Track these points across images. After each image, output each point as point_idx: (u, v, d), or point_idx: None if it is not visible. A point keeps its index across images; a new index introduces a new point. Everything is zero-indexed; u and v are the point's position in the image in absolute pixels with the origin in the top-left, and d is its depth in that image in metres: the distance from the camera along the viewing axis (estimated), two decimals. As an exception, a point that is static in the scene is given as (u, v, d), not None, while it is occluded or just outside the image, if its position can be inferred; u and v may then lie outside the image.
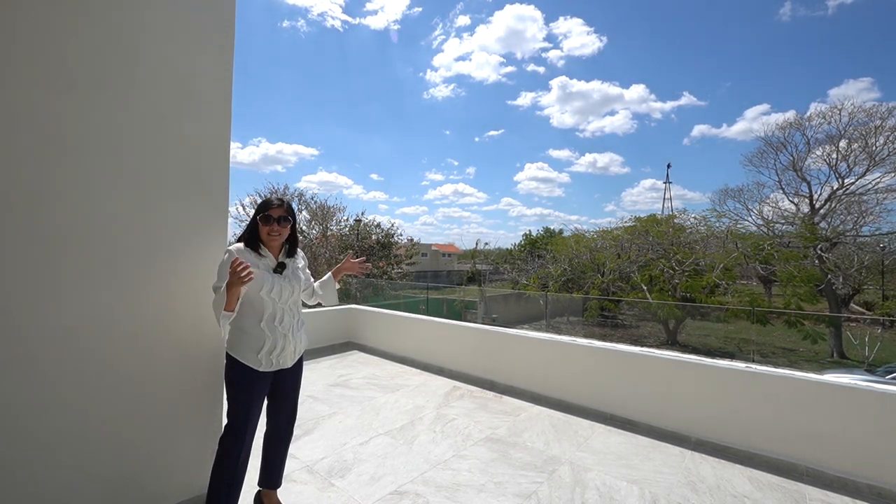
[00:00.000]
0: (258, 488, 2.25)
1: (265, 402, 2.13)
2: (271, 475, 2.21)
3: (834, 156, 18.92)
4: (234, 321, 2.01)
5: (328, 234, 23.22)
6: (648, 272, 17.60)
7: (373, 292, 20.86)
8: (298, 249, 2.22)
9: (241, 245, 2.02)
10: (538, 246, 33.76)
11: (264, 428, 2.19)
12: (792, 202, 20.37)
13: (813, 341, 14.32)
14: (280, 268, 2.03)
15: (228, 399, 1.99)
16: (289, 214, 2.05)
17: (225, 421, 1.99)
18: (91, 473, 1.91)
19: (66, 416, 1.84)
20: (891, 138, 17.62)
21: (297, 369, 2.16)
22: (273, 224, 2.00)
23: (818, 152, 19.52)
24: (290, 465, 2.59)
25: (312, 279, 2.32)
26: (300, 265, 2.18)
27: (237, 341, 1.99)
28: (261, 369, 1.97)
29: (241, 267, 1.71)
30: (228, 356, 2.00)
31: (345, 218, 24.54)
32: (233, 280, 1.73)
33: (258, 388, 1.99)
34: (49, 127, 1.78)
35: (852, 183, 18.39)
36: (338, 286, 2.42)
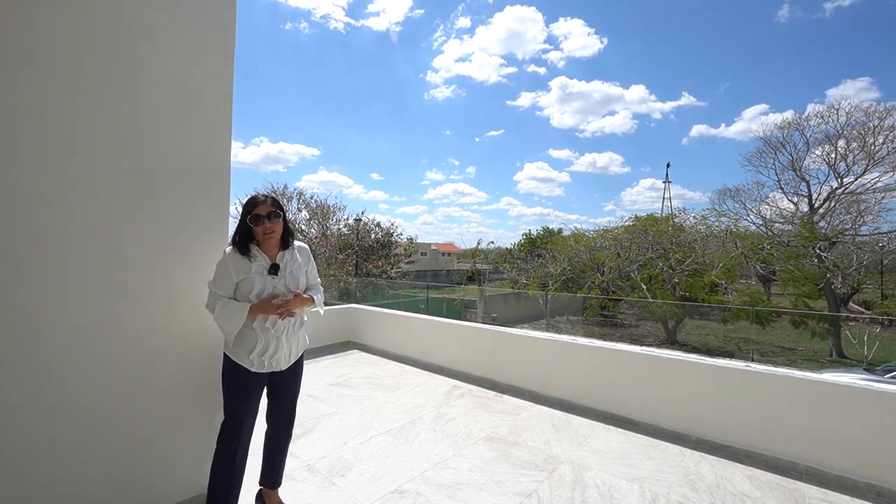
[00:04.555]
0: (260, 487, 2.26)
1: (266, 403, 2.14)
2: (271, 475, 2.21)
3: (833, 155, 18.96)
4: None
5: (327, 233, 23.22)
6: (648, 272, 17.60)
7: (372, 291, 20.87)
8: (302, 245, 2.18)
9: (232, 249, 1.98)
10: (538, 245, 33.76)
11: (265, 427, 2.19)
12: (791, 202, 20.43)
13: (822, 338, 14.44)
14: (273, 269, 2.00)
15: (224, 398, 2.00)
16: (277, 208, 2.00)
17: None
18: (97, 471, 1.92)
19: (73, 414, 1.85)
20: (889, 137, 17.66)
21: (293, 373, 2.13)
22: (264, 222, 1.95)
23: (817, 152, 19.57)
24: (290, 464, 2.60)
25: (318, 279, 2.27)
26: (299, 261, 2.12)
27: (232, 341, 1.99)
28: (253, 370, 1.96)
29: (282, 309, 1.90)
30: (224, 355, 2.01)
31: (345, 217, 24.60)
32: (268, 312, 1.90)
33: (251, 387, 1.99)
34: (51, 127, 1.78)
35: (851, 182, 18.43)
36: (307, 310, 2.13)
